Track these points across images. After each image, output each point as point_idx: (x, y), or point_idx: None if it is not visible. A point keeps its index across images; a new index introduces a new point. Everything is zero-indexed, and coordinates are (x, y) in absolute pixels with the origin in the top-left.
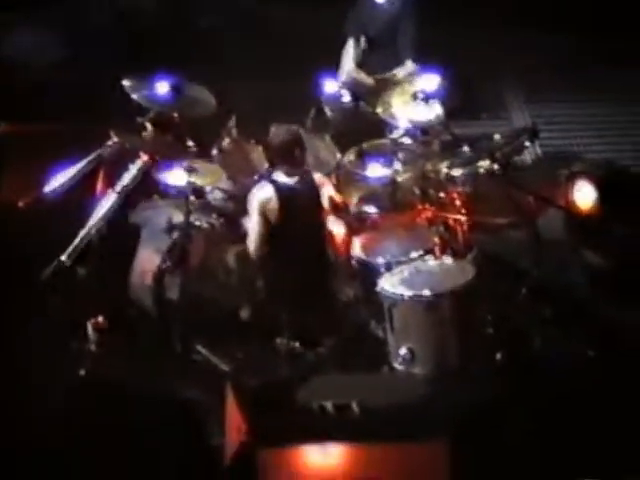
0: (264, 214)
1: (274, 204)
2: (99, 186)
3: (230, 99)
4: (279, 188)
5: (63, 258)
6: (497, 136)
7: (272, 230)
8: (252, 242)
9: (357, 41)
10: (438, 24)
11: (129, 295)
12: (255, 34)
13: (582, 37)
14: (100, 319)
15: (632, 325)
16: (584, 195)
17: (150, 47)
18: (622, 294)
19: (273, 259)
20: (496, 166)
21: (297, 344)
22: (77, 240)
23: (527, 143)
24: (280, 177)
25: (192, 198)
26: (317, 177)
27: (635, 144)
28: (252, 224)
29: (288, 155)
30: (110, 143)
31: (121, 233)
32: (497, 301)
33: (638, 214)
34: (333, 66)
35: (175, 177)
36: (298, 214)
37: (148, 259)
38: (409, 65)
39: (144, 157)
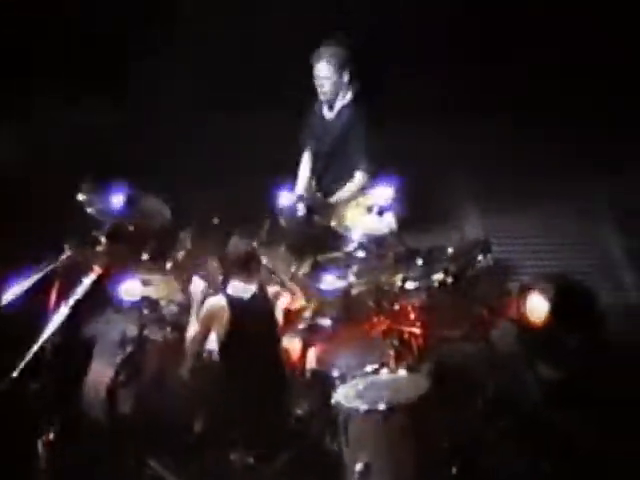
0: (209, 325)
1: (225, 315)
2: (52, 299)
3: (185, 210)
4: (232, 300)
5: (14, 374)
6: (450, 249)
7: (222, 342)
8: (188, 352)
9: (312, 154)
10: (389, 133)
11: (82, 409)
12: (209, 144)
13: (535, 148)
14: (51, 434)
15: (584, 436)
16: (536, 307)
17: (104, 158)
18: (574, 405)
19: (227, 372)
20: (449, 279)
21: (251, 458)
22: (29, 354)
23: (480, 256)
24: (234, 289)
25: (146, 311)
26: (271, 289)
27: (586, 257)
28: (194, 333)
29: (243, 267)
30: (64, 256)
31: (74, 347)
32: (452, 413)
33: (590, 326)
34: (289, 177)
35: (129, 290)
36: (251, 326)
37: (101, 373)
38: (360, 177)
39: (98, 270)
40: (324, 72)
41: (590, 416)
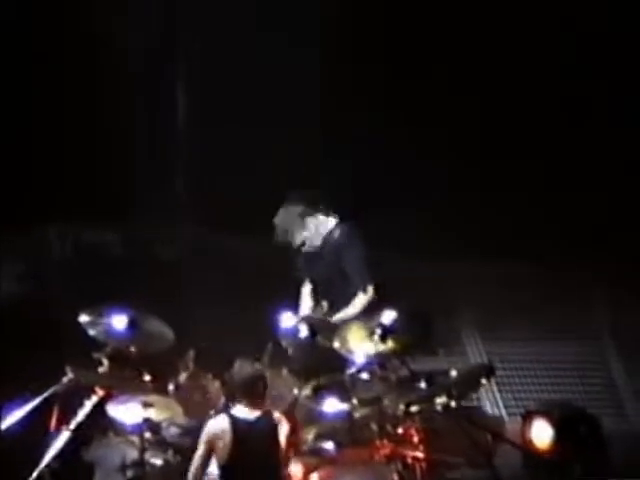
0: (212, 446)
1: (227, 437)
2: (53, 422)
3: (188, 333)
4: (236, 422)
5: None
6: (453, 372)
7: (224, 465)
8: (190, 473)
9: (311, 281)
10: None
11: None
12: (214, 265)
13: (539, 276)
14: None
15: None
16: (541, 434)
17: (107, 279)
18: None
19: None
20: (453, 403)
21: None
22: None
23: (483, 380)
24: (239, 412)
25: (147, 434)
26: (277, 414)
27: (588, 384)
28: (196, 454)
29: (251, 391)
30: (66, 379)
31: (75, 471)
32: None
33: (593, 454)
34: (292, 299)
35: (130, 412)
36: (254, 451)
37: None
38: (361, 298)
39: (100, 392)
40: (292, 216)
41: None
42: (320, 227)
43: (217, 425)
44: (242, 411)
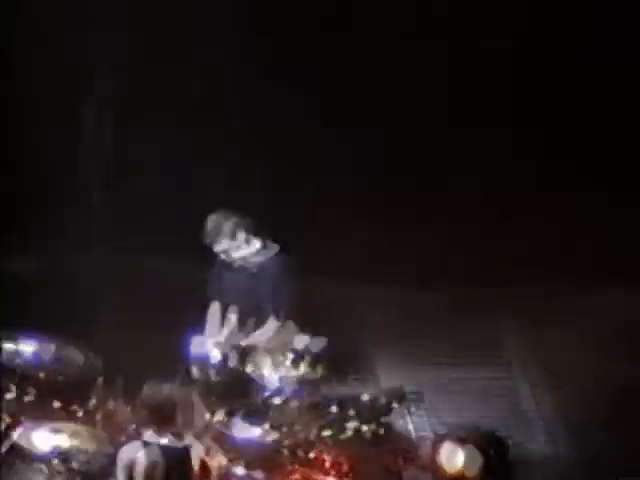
0: (129, 474)
1: (142, 463)
2: None
3: (98, 357)
4: (151, 448)
5: None
6: (365, 397)
7: None
8: None
9: (222, 304)
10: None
11: None
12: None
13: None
14: None
15: None
16: (451, 458)
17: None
18: None
19: None
20: (364, 427)
21: None
22: None
23: (395, 404)
24: (150, 437)
25: (55, 461)
26: (188, 438)
27: (497, 409)
28: None
29: (160, 415)
30: None
31: None
32: None
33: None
34: (201, 322)
35: (39, 440)
36: (169, 476)
37: None
38: (272, 323)
39: (6, 419)
40: (222, 248)
41: None
42: (246, 246)
43: (131, 452)
44: (153, 436)
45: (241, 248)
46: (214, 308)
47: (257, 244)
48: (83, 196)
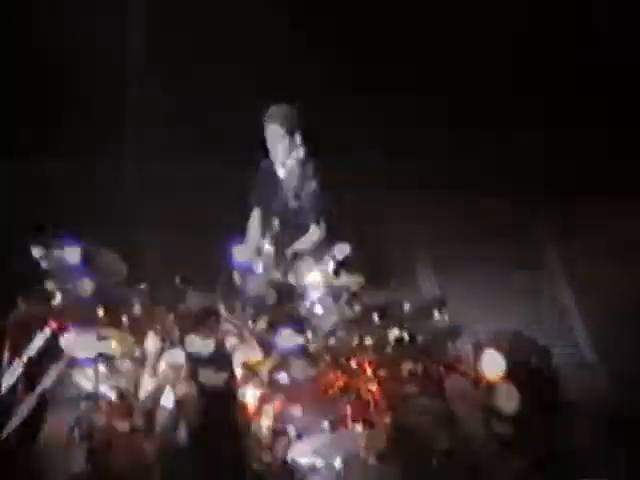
0: (167, 378)
1: (183, 369)
2: (5, 355)
3: (140, 265)
4: (190, 355)
5: None
6: (406, 305)
7: (180, 397)
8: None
9: (264, 212)
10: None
11: (34, 469)
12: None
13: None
14: None
15: None
16: (492, 365)
17: (55, 210)
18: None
19: (185, 428)
20: (406, 335)
21: None
22: None
23: (436, 313)
24: (192, 344)
25: (101, 367)
26: (229, 343)
27: (539, 315)
28: (147, 384)
29: (202, 322)
30: (17, 312)
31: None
32: (409, 472)
33: (545, 387)
34: (243, 229)
35: (84, 345)
36: (210, 382)
37: (54, 430)
38: (314, 230)
39: (53, 324)
40: (276, 133)
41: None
42: (293, 152)
43: (172, 358)
44: (196, 344)
45: (289, 154)
46: (255, 215)
47: (302, 151)
48: (121, 100)
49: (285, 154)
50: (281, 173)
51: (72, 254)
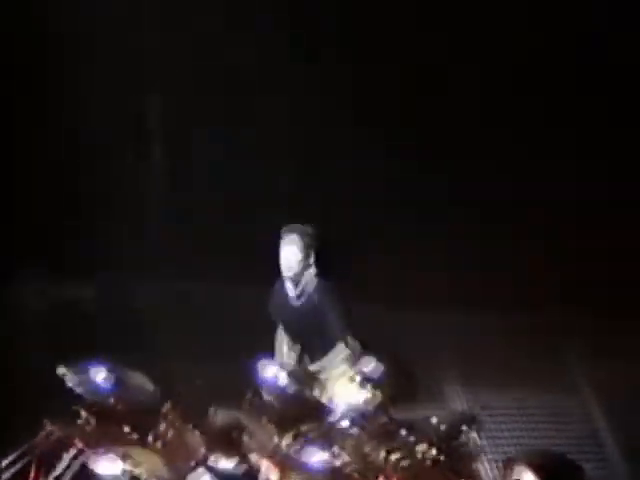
0: None
1: None
2: (32, 477)
3: (166, 384)
4: (216, 474)
5: None
6: (434, 420)
7: None
8: None
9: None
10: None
11: None
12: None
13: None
14: None
15: None
16: None
17: (83, 333)
18: None
19: None
20: (434, 451)
21: None
22: None
23: (471, 433)
24: (217, 462)
25: None
26: (256, 462)
27: (568, 434)
28: None
29: (226, 439)
30: (44, 433)
31: None
32: None
33: None
34: (270, 349)
35: (110, 465)
36: None
37: None
38: (342, 348)
39: (78, 444)
40: (291, 252)
41: None
42: (307, 268)
43: (198, 478)
44: (220, 462)
45: (306, 260)
46: (281, 332)
47: (312, 272)
48: (141, 223)
49: (299, 274)
50: (293, 292)
51: (102, 376)
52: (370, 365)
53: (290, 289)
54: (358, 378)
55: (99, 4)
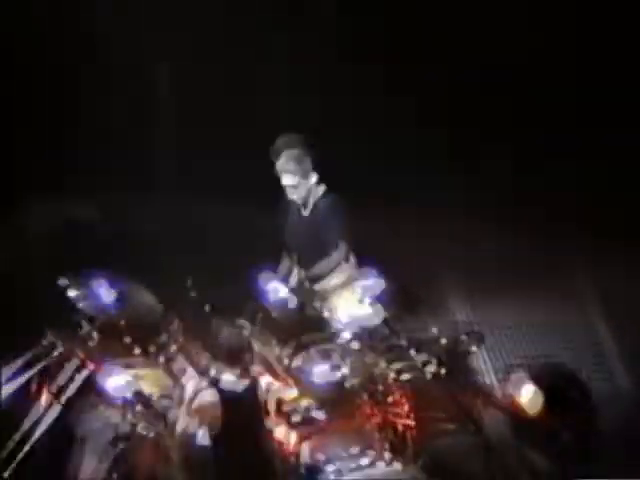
0: (202, 418)
1: (217, 409)
2: (44, 396)
3: (174, 303)
4: (223, 393)
5: (5, 475)
6: (443, 340)
7: (215, 436)
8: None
9: (292, 249)
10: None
11: None
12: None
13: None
14: None
15: None
16: (530, 399)
17: (92, 252)
18: None
19: (219, 466)
20: (442, 370)
21: None
22: (20, 454)
23: (473, 347)
24: (225, 381)
25: (138, 407)
26: (264, 381)
27: (575, 347)
28: (183, 423)
29: (235, 359)
30: (46, 343)
31: (64, 445)
32: None
33: (582, 419)
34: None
35: (120, 385)
36: (243, 419)
37: (93, 472)
38: (346, 267)
39: (90, 365)
40: (290, 181)
41: None
42: (312, 187)
43: (204, 397)
44: (229, 381)
45: (308, 189)
46: (285, 254)
47: (314, 178)
48: (145, 142)
49: (303, 197)
50: (302, 210)
51: (107, 292)
52: (371, 278)
53: (299, 207)
54: (359, 292)
55: None
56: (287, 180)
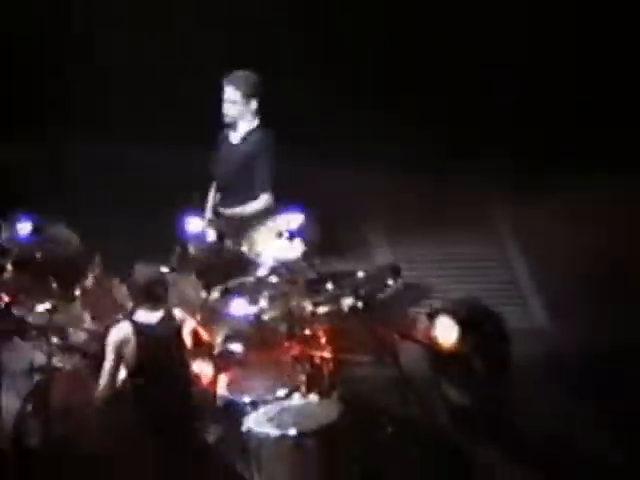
0: (119, 353)
1: (132, 343)
2: None
3: (93, 238)
4: (139, 327)
5: None
6: (360, 273)
7: (132, 370)
8: (101, 382)
9: (218, 178)
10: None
11: None
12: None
13: (442, 177)
14: None
15: (489, 463)
16: (446, 332)
17: (7, 188)
18: (482, 431)
19: (136, 400)
20: (360, 303)
21: None
22: None
23: (390, 281)
24: (141, 316)
25: (54, 339)
26: (180, 315)
27: (491, 283)
28: (105, 363)
29: (150, 294)
30: None
31: None
32: (363, 440)
33: (497, 352)
34: (198, 204)
35: (36, 318)
36: (160, 354)
37: (9, 403)
38: (264, 198)
39: (4, 298)
40: (231, 96)
41: (496, 442)
42: (247, 117)
43: (120, 332)
44: (144, 315)
45: (246, 99)
46: (213, 187)
47: (254, 105)
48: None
49: (235, 117)
50: (234, 138)
51: (23, 227)
52: (296, 220)
53: (231, 135)
54: (285, 233)
55: None
56: (229, 93)
